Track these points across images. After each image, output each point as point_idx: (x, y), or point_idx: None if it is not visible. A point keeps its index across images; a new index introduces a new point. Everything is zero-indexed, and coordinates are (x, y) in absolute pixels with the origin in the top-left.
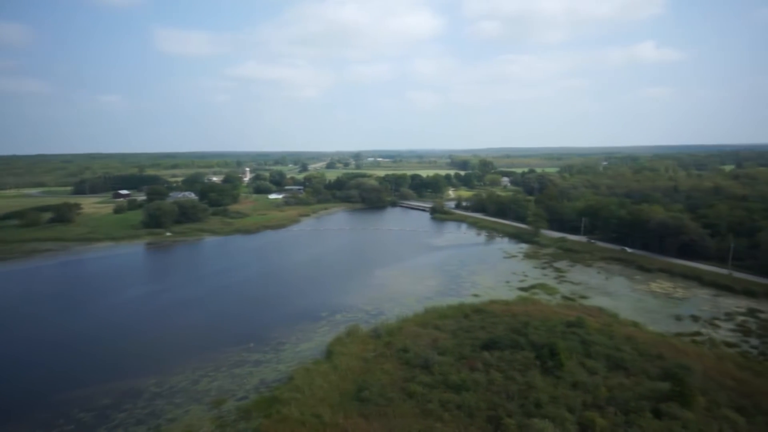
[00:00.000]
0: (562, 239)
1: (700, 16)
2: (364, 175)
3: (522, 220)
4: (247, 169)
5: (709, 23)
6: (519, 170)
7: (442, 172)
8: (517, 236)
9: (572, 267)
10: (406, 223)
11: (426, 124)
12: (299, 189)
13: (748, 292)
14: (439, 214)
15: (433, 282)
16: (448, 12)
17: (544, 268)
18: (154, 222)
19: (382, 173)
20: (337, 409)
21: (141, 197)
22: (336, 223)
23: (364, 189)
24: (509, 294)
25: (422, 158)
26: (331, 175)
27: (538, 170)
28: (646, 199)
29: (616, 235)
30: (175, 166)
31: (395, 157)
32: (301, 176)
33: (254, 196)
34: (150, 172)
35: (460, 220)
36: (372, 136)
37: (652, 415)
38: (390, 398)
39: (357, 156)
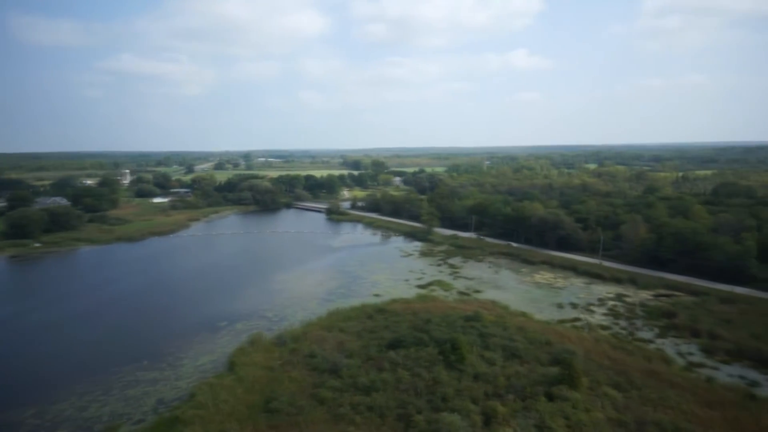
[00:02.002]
0: (454, 236)
1: (565, 29)
2: (256, 176)
3: (416, 218)
4: (127, 171)
5: (573, 36)
6: (410, 170)
7: (336, 173)
8: (411, 235)
9: (465, 263)
10: (302, 224)
11: (317, 124)
12: (187, 192)
13: (616, 279)
14: (335, 215)
15: (334, 284)
16: (335, 13)
17: (439, 265)
18: (18, 232)
19: (275, 174)
20: (245, 423)
21: (0, 204)
22: (229, 227)
23: (257, 191)
24: (409, 292)
25: (314, 158)
26: (221, 177)
27: (428, 170)
28: (527, 197)
29: (503, 231)
30: (41, 168)
31: (287, 158)
32: (188, 178)
33: (136, 200)
34: (11, 175)
35: (356, 220)
36: (262, 136)
37: (546, 399)
38: (300, 406)
39: (247, 156)
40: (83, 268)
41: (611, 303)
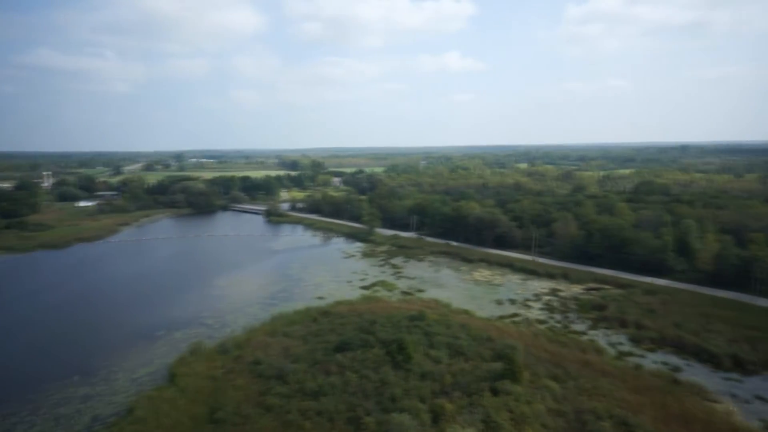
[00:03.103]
0: (395, 236)
1: (496, 33)
2: (189, 178)
3: (357, 219)
4: (48, 172)
5: (504, 40)
6: (349, 170)
7: (273, 173)
8: (353, 236)
9: (407, 263)
10: (240, 227)
11: (252, 123)
12: (115, 195)
13: (550, 275)
14: (274, 217)
15: (277, 287)
16: (270, 10)
17: (381, 266)
18: None
19: (209, 175)
20: None
21: None
22: (162, 231)
23: (191, 193)
24: (353, 293)
25: (250, 159)
26: (152, 179)
27: (367, 170)
28: (463, 196)
29: (442, 230)
30: None
31: (221, 158)
32: (115, 180)
33: (59, 204)
34: None
35: (296, 222)
36: (194, 136)
37: (491, 394)
38: (246, 415)
39: (179, 157)
40: (1, 278)
41: (546, 298)
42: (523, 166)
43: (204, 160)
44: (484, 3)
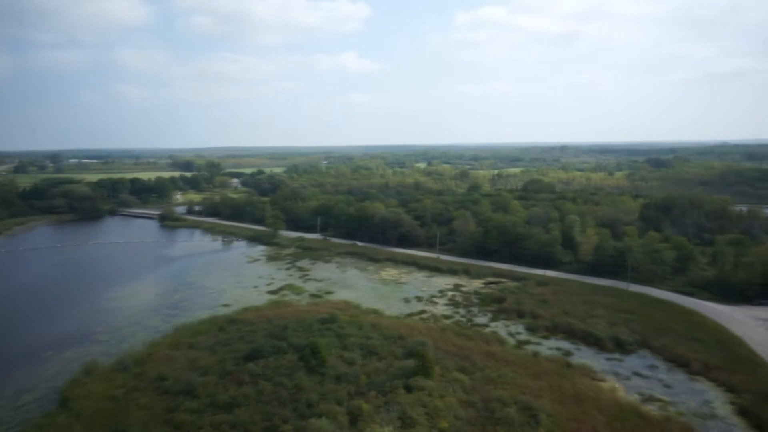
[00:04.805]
0: (301, 238)
1: (391, 35)
2: (70, 181)
3: (259, 222)
4: None
5: (399, 42)
6: (248, 171)
7: (166, 175)
8: (256, 239)
9: (314, 264)
10: (131, 233)
11: (140, 121)
12: None
13: (452, 271)
14: (170, 222)
15: (177, 296)
16: (156, 1)
17: (288, 269)
18: None
19: (94, 177)
20: None
21: None
22: (42, 240)
23: (73, 197)
24: (260, 299)
25: (139, 159)
26: (25, 182)
27: (267, 170)
28: (367, 196)
29: (347, 231)
30: None
31: (105, 158)
32: None
33: None
34: None
35: (194, 226)
36: (73, 134)
37: (405, 391)
38: None
39: (56, 157)
40: None
41: (450, 293)
42: (422, 165)
43: (86, 160)
44: (379, 5)
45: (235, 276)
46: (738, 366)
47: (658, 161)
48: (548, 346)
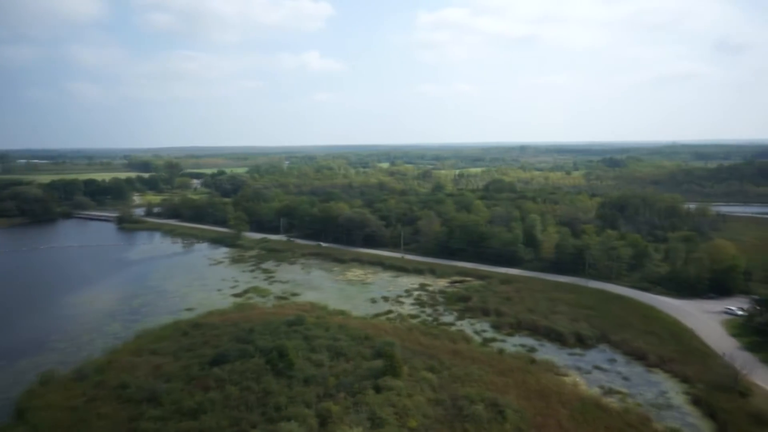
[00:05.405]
0: (264, 240)
1: (354, 35)
2: (20, 182)
3: (221, 223)
4: None
5: (361, 42)
6: (208, 171)
7: (122, 176)
8: (219, 241)
9: (278, 266)
10: (87, 237)
11: (94, 119)
12: None
13: (418, 271)
14: (128, 224)
15: (138, 301)
16: None
17: (252, 271)
18: None
19: (45, 179)
20: None
21: None
22: None
23: (23, 199)
24: (224, 302)
25: (93, 159)
26: None
27: (228, 171)
28: (330, 197)
29: (312, 232)
30: None
31: (57, 159)
32: None
33: None
34: None
35: (154, 228)
36: (22, 133)
37: (374, 391)
38: None
39: (3, 157)
40: None
41: (416, 293)
42: (385, 165)
43: (36, 161)
44: (342, 5)
45: (198, 279)
46: (691, 357)
47: (613, 161)
48: (513, 343)
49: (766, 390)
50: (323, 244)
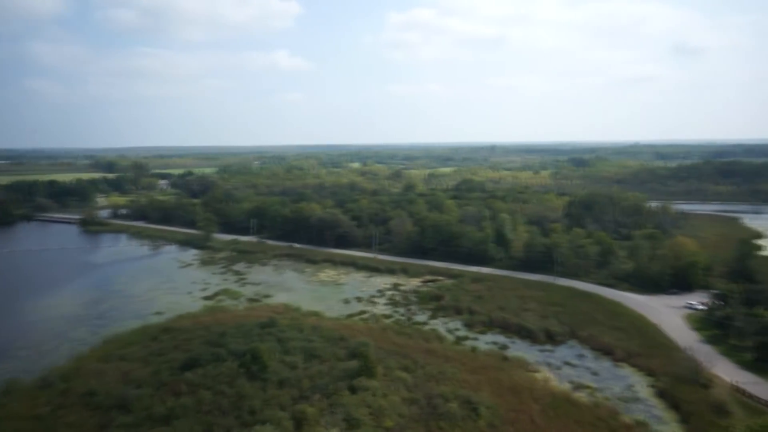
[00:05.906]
0: (235, 241)
1: (323, 34)
2: None
3: (190, 225)
4: None
5: (331, 41)
6: (176, 171)
7: (86, 176)
8: (187, 243)
9: (250, 268)
10: (49, 240)
11: (54, 118)
12: None
13: (390, 270)
14: (92, 226)
15: (104, 306)
16: None
17: (223, 273)
18: None
19: (4, 180)
20: None
21: None
22: None
23: None
24: (195, 305)
25: (54, 160)
26: None
27: (197, 171)
28: (302, 197)
29: (283, 233)
30: None
31: (16, 159)
32: None
33: None
34: None
35: (120, 230)
36: None
37: (349, 392)
38: None
39: None
40: None
41: (389, 293)
42: (356, 165)
43: None
44: (310, 4)
45: (167, 282)
46: (656, 351)
47: (580, 160)
48: (485, 341)
49: (726, 381)
50: (295, 245)
